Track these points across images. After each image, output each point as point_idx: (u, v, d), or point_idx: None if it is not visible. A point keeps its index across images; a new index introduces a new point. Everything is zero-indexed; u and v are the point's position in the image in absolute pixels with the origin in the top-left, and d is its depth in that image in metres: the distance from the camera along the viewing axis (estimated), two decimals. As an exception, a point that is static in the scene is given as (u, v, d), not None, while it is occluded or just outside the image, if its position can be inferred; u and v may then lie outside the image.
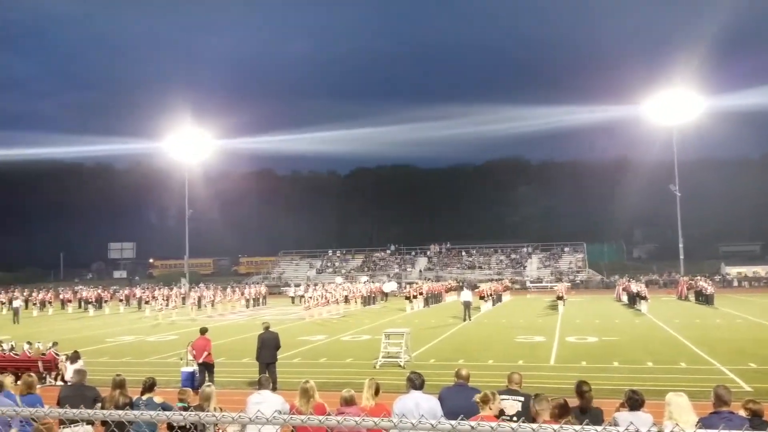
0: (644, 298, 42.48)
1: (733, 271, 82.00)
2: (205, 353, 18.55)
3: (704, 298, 47.77)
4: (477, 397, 8.26)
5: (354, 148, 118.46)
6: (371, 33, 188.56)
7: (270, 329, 19.18)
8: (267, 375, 13.54)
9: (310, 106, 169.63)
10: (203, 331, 19.58)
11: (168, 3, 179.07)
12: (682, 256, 70.34)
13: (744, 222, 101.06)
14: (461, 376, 9.95)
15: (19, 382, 11.54)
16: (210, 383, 12.47)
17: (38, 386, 19.19)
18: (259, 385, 10.42)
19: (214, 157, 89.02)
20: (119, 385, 11.15)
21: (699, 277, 54.47)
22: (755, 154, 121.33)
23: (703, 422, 6.97)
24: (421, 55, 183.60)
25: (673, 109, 68.24)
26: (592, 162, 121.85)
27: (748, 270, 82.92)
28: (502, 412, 8.73)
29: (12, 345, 22.63)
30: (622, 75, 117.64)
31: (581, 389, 9.07)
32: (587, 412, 8.71)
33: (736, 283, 76.53)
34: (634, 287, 46.62)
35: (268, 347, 18.54)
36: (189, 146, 79.47)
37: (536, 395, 8.43)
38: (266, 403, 9.32)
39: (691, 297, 51.94)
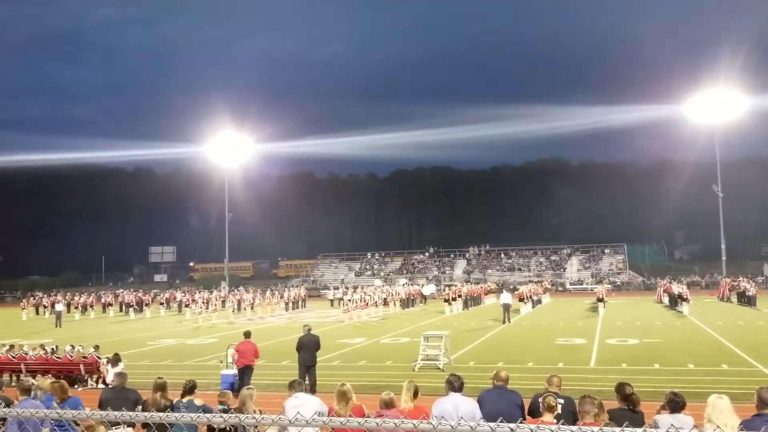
0: (686, 299, 41.92)
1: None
2: (256, 359, 18.74)
3: (747, 300, 47.12)
4: (545, 400, 8.37)
5: (392, 150, 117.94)
6: (409, 35, 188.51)
7: (311, 332, 19.24)
8: (299, 379, 13.53)
9: (348, 109, 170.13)
10: (247, 334, 19.46)
11: (206, 8, 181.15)
12: (724, 257, 69.20)
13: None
14: (500, 378, 9.94)
15: (47, 385, 11.65)
16: (251, 386, 12.53)
17: (80, 389, 19.60)
18: (293, 388, 10.36)
19: (253, 161, 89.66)
20: (161, 387, 11.30)
21: (741, 278, 53.64)
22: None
23: (745, 425, 6.86)
24: (459, 57, 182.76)
25: (715, 108, 67.15)
26: (632, 163, 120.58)
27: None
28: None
29: (54, 348, 23.07)
30: (664, 74, 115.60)
31: (625, 391, 9.01)
32: (636, 413, 8.69)
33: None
34: (676, 289, 46.03)
35: (308, 350, 18.60)
36: (228, 150, 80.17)
37: (582, 397, 8.44)
38: (305, 405, 9.35)
39: (734, 298, 51.25)
